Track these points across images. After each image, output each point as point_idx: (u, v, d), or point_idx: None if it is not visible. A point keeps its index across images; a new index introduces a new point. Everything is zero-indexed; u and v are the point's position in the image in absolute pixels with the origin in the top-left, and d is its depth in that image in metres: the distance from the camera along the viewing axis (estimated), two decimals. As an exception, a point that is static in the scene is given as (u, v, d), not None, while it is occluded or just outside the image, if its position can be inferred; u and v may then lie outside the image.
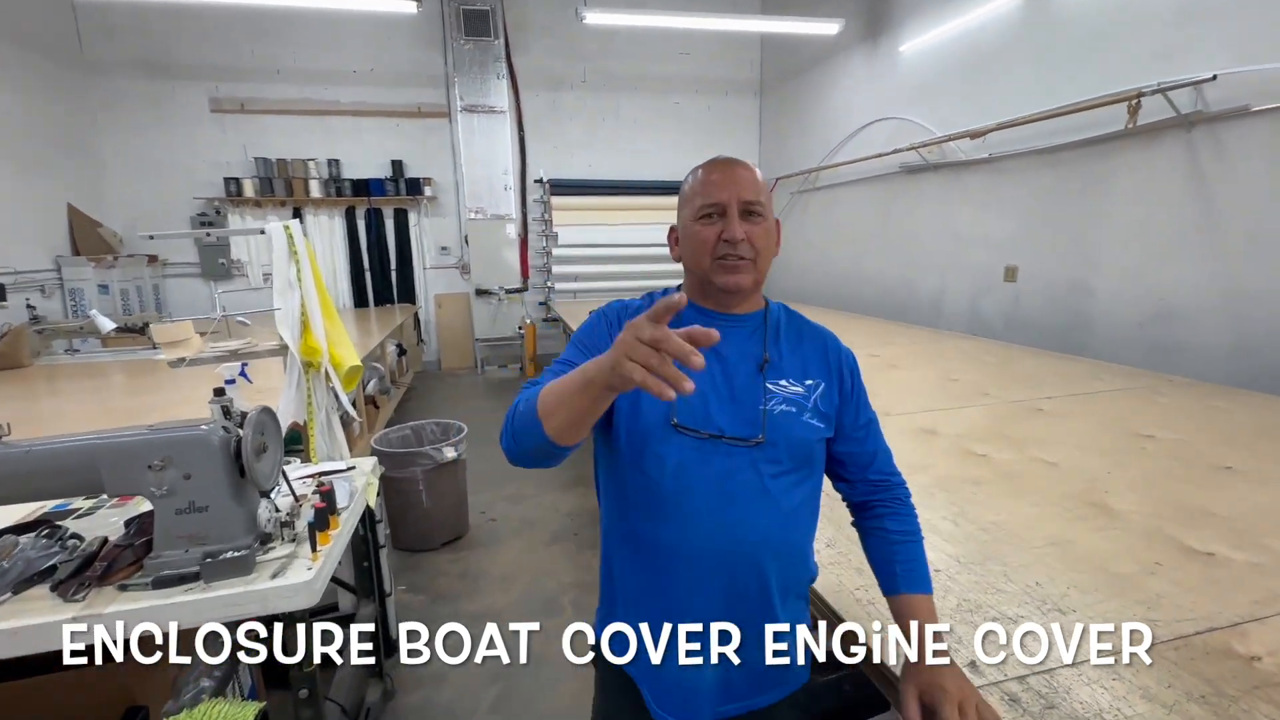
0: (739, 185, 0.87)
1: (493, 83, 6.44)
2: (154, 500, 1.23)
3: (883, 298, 5.27)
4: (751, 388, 0.88)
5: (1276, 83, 2.60)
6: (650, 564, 0.89)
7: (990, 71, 4.08)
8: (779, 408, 0.88)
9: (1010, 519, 1.37)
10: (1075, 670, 0.90)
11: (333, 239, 6.55)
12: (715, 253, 0.87)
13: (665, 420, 0.86)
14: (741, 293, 0.90)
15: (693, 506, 0.85)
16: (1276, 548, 1.22)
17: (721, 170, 0.90)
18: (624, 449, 0.89)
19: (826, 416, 0.91)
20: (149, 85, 5.95)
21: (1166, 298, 3.09)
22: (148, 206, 5.98)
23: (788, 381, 0.90)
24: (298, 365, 1.72)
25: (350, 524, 1.52)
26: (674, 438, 0.86)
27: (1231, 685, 0.86)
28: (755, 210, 0.87)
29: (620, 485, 0.91)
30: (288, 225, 1.67)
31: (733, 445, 0.86)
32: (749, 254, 0.87)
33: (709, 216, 0.88)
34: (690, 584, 0.87)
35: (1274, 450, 1.75)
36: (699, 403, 0.86)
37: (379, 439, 3.00)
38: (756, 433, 0.86)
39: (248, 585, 1.18)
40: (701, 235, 0.88)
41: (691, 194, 0.91)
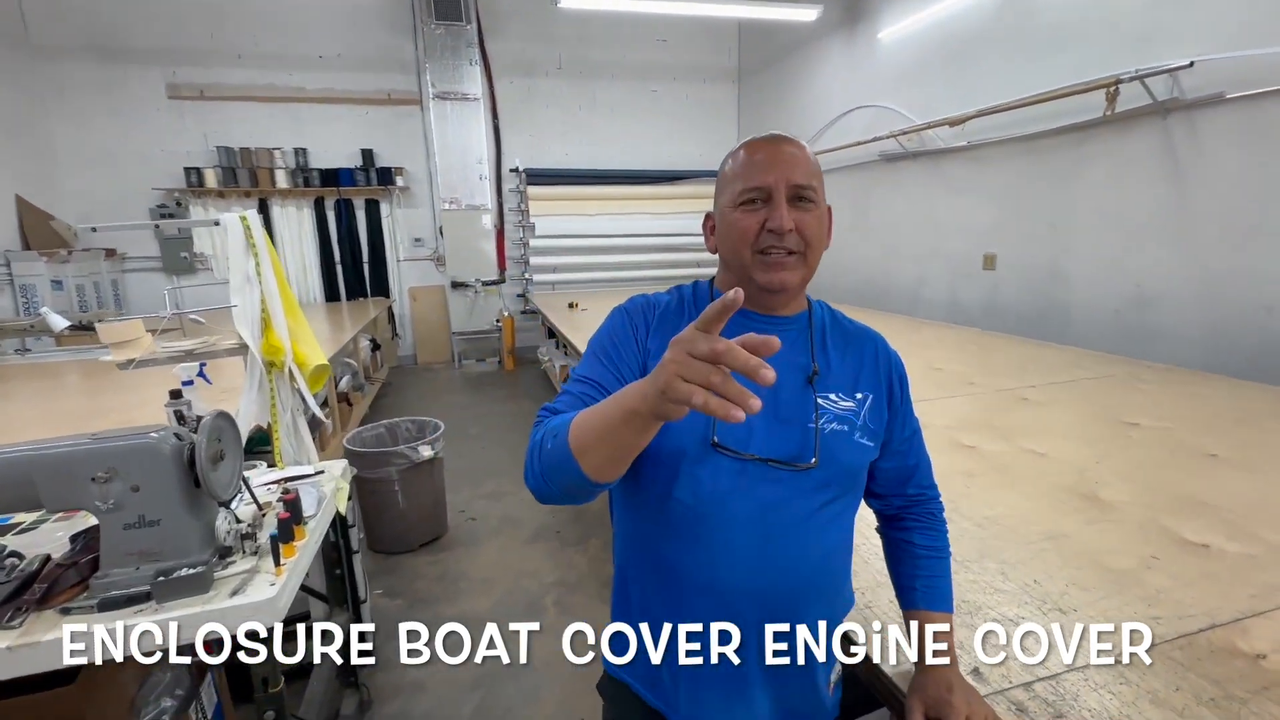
0: (788, 166, 0.76)
1: (465, 69, 6.27)
2: (99, 515, 1.13)
3: (862, 287, 5.27)
4: (800, 403, 0.77)
5: (1250, 70, 2.61)
6: (676, 595, 0.79)
7: (969, 58, 4.06)
8: (830, 426, 0.77)
9: (1005, 513, 1.34)
10: (1081, 675, 0.86)
11: (301, 231, 6.34)
12: (758, 245, 0.76)
13: (703, 438, 0.75)
14: (787, 292, 0.77)
15: (729, 539, 0.75)
16: (1269, 538, 1.21)
17: (767, 149, 0.78)
18: (652, 468, 0.78)
19: (875, 434, 0.81)
20: (101, 70, 5.67)
21: (1142, 284, 3.11)
22: (103, 198, 5.71)
23: (837, 395, 0.79)
24: (259, 365, 1.63)
25: (318, 533, 1.44)
26: (712, 459, 0.75)
27: (1239, 686, 0.83)
28: (806, 196, 0.76)
29: (644, 507, 0.80)
30: (244, 216, 1.57)
31: (779, 470, 0.75)
32: (797, 247, 0.75)
33: (752, 202, 0.76)
34: (717, 618, 0.77)
35: (1255, 437, 1.76)
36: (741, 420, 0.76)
37: (351, 438, 2.89)
38: (808, 456, 0.75)
39: (205, 604, 1.10)
40: (742, 224, 0.76)
41: (732, 176, 0.79)
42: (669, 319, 0.82)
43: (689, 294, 0.86)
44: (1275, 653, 0.89)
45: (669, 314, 0.83)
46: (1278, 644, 0.91)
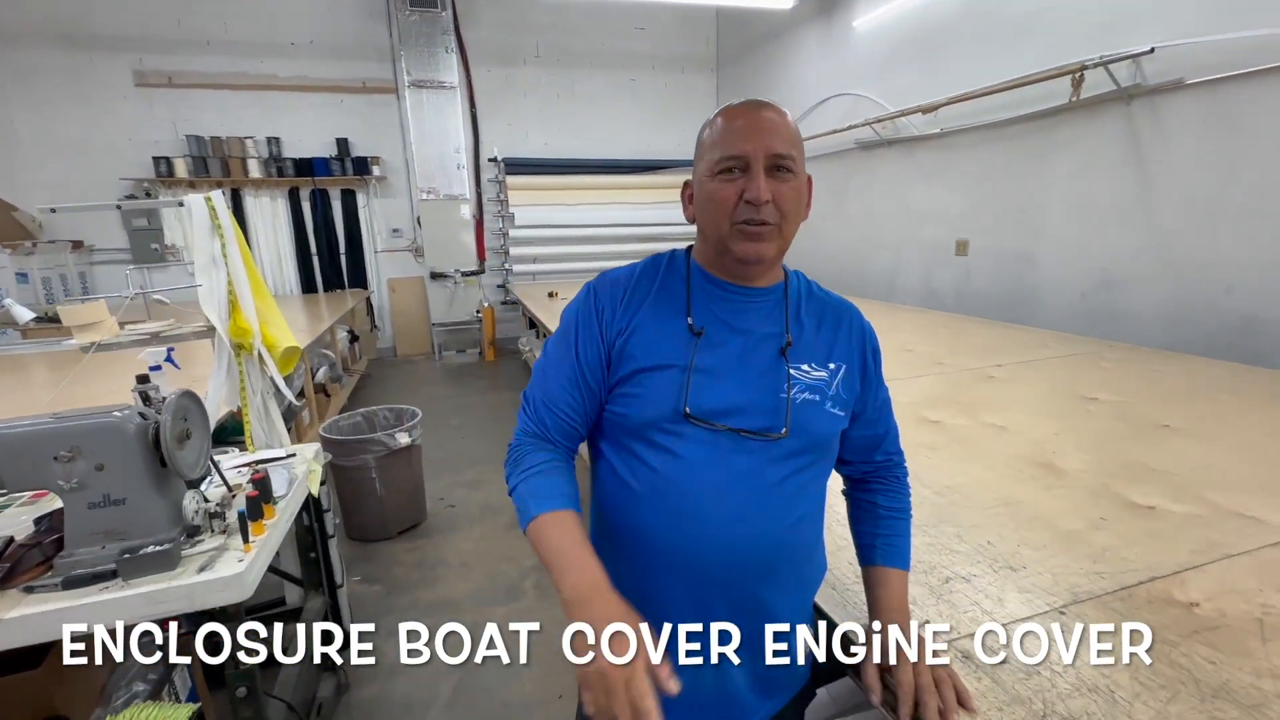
0: (767, 134, 0.74)
1: (441, 57, 6.20)
2: (62, 494, 1.13)
3: (840, 273, 5.33)
4: (772, 373, 0.78)
5: (1209, 56, 2.68)
6: (648, 562, 0.80)
7: (941, 46, 4.11)
8: (802, 396, 0.78)
9: (964, 482, 1.38)
10: (1027, 625, 0.90)
11: (276, 222, 6.24)
12: (735, 216, 0.75)
13: (675, 408, 0.76)
14: (763, 264, 0.78)
15: (701, 507, 0.76)
16: (1213, 499, 1.26)
17: (746, 115, 0.76)
18: (626, 437, 0.80)
19: (846, 404, 0.83)
20: (66, 58, 5.52)
21: (1107, 267, 3.19)
22: (69, 188, 5.57)
23: (810, 366, 0.80)
24: (227, 348, 1.61)
25: (289, 513, 1.44)
26: (685, 429, 0.76)
27: (1172, 631, 0.87)
28: (785, 166, 0.74)
29: (617, 475, 0.81)
30: (209, 197, 1.55)
31: (751, 440, 0.76)
32: (774, 219, 0.75)
33: (729, 171, 0.75)
34: (690, 587, 0.78)
35: (1208, 409, 1.82)
36: (715, 387, 0.76)
37: (328, 426, 2.88)
38: (780, 426, 0.76)
39: (172, 581, 1.10)
40: (719, 194, 0.75)
41: (710, 144, 0.77)
42: (640, 288, 0.83)
43: (664, 264, 0.86)
44: (1208, 601, 0.94)
45: (640, 282, 0.84)
46: (1211, 594, 0.96)
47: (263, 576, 1.26)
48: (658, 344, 0.79)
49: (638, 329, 0.80)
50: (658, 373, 0.78)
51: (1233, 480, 1.34)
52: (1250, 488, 1.30)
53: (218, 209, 1.54)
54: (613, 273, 0.86)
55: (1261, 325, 2.59)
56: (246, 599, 1.14)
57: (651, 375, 0.78)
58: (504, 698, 1.89)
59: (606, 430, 0.83)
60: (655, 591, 0.79)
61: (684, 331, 0.79)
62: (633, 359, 0.79)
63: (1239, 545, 1.09)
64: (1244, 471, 1.38)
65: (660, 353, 0.78)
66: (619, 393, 0.80)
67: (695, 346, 0.78)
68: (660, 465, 0.77)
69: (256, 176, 6.01)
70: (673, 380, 0.77)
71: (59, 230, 5.55)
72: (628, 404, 0.79)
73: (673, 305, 0.81)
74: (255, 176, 6.00)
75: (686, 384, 0.76)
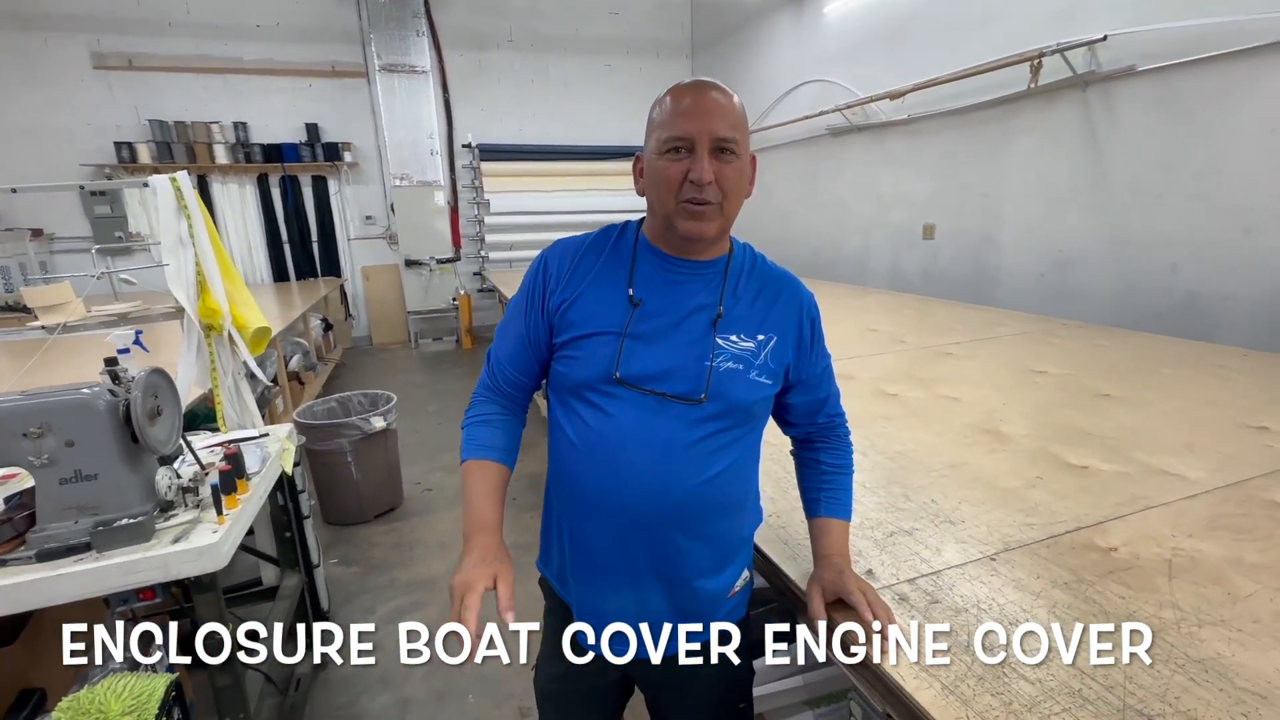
0: (712, 117, 0.77)
1: (413, 40, 6.12)
2: (33, 471, 1.14)
3: (811, 257, 5.42)
4: (701, 342, 0.83)
5: (1159, 44, 2.79)
6: (582, 507, 0.87)
7: (907, 33, 4.19)
8: (724, 365, 0.83)
9: (914, 448, 1.46)
10: (960, 570, 0.97)
11: (244, 209, 6.13)
12: (680, 194, 0.79)
13: (608, 372, 0.82)
14: (704, 240, 0.83)
15: (626, 460, 0.83)
16: (1141, 459, 1.35)
17: (692, 96, 0.79)
18: (566, 396, 0.87)
19: (775, 373, 0.87)
20: (16, 38, 5.34)
21: (1063, 248, 3.31)
22: (24, 175, 5.40)
23: (738, 336, 0.85)
24: (197, 328, 1.62)
25: (263, 489, 1.46)
26: (617, 390, 0.82)
27: (1090, 572, 0.95)
28: (728, 148, 0.78)
29: (560, 426, 0.89)
30: (174, 177, 1.54)
31: (675, 403, 0.82)
32: (716, 198, 0.79)
33: (675, 151, 0.78)
34: (614, 529, 0.85)
35: (1147, 380, 1.93)
36: (645, 354, 0.83)
37: (302, 411, 2.88)
38: (699, 392, 0.82)
39: (146, 551, 1.13)
40: (666, 172, 0.79)
41: (658, 123, 0.81)
42: (588, 258, 0.89)
43: (615, 235, 0.91)
44: (1125, 546, 1.02)
45: (589, 253, 0.89)
46: (1129, 539, 1.04)
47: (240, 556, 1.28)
48: (599, 311, 0.85)
49: (580, 296, 0.86)
50: (595, 338, 0.84)
51: (1160, 442, 1.43)
52: (1175, 448, 1.40)
53: (184, 189, 1.54)
54: (565, 241, 0.92)
55: (1204, 301, 2.73)
56: (221, 568, 1.17)
57: (590, 340, 0.84)
58: (479, 670, 1.94)
59: (554, 385, 0.91)
60: (587, 531, 0.88)
61: (624, 301, 0.85)
62: (573, 325, 0.85)
63: (1159, 498, 1.18)
64: (1170, 434, 1.48)
65: (599, 320, 0.84)
66: (561, 354, 0.87)
67: (632, 316, 0.84)
68: (592, 420, 0.84)
69: (224, 162, 5.89)
70: (608, 345, 0.83)
71: (17, 217, 5.39)
72: (568, 365, 0.86)
73: (617, 275, 0.87)
74: (222, 162, 5.88)
75: (619, 350, 0.82)
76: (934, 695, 0.72)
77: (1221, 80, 2.61)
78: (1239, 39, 2.51)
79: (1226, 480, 1.24)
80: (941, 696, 0.72)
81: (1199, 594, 0.90)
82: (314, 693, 1.87)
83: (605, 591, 0.88)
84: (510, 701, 1.85)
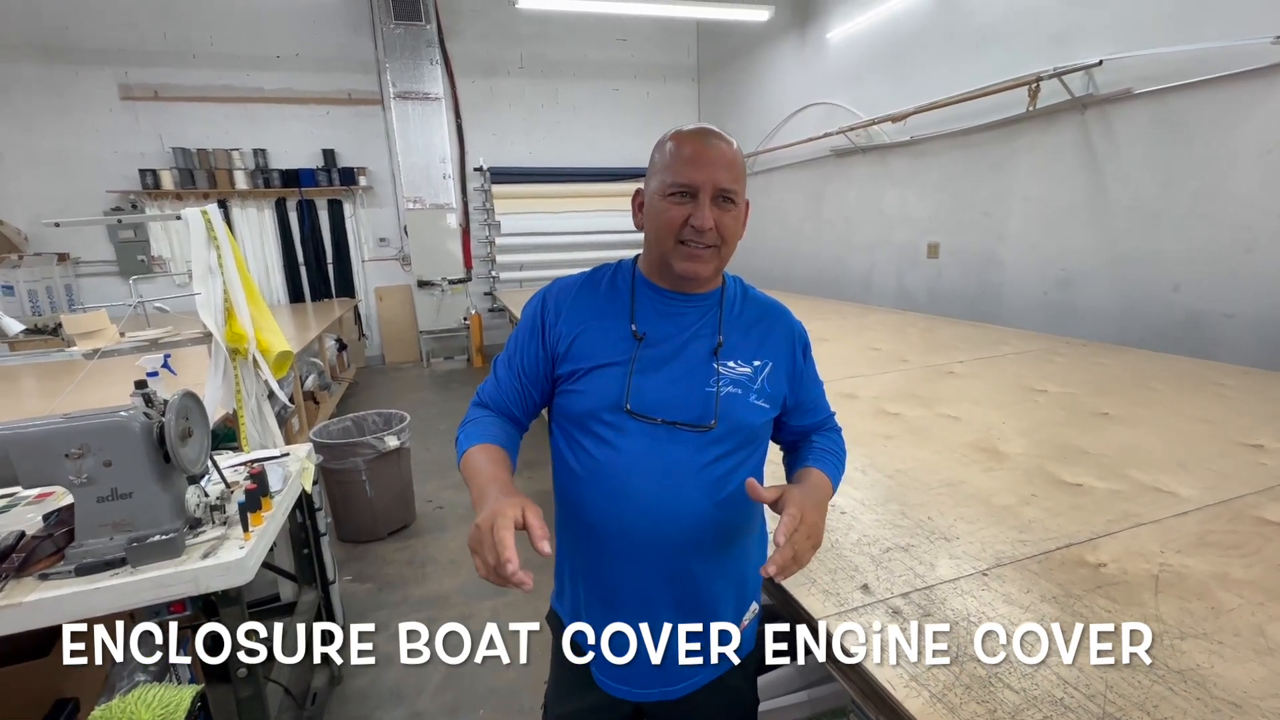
0: (715, 168, 0.81)
1: (426, 69, 6.30)
2: (73, 489, 1.21)
3: (816, 276, 5.48)
4: (703, 370, 0.86)
5: (1155, 67, 2.85)
6: (592, 540, 0.89)
7: (909, 58, 4.28)
8: (726, 389, 0.86)
9: (913, 466, 1.50)
10: (952, 584, 1.01)
11: (263, 232, 6.30)
12: (679, 235, 0.83)
13: (618, 404, 0.84)
14: (699, 280, 0.87)
15: (635, 488, 0.84)
16: (1135, 476, 1.39)
17: (695, 145, 0.82)
18: (570, 427, 0.89)
19: (773, 397, 0.90)
20: (49, 71, 5.55)
21: (1065, 267, 3.35)
22: (55, 201, 5.60)
23: (736, 362, 0.88)
24: (223, 352, 1.70)
25: (285, 506, 1.53)
26: (626, 422, 0.84)
27: (1079, 587, 0.99)
28: (729, 196, 0.82)
29: (564, 458, 0.90)
30: (205, 210, 1.64)
31: (686, 432, 0.84)
32: (715, 242, 0.83)
33: (679, 195, 0.82)
34: (628, 557, 0.86)
35: (1145, 397, 1.96)
36: (652, 385, 0.85)
37: (318, 431, 2.95)
38: (709, 418, 0.84)
39: (178, 566, 1.19)
40: (668, 214, 0.82)
41: (662, 166, 0.84)
42: (587, 296, 0.92)
43: (611, 273, 0.94)
44: (1114, 562, 1.06)
45: (587, 291, 0.92)
46: (1117, 556, 1.08)
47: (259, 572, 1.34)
48: (601, 346, 0.88)
49: (582, 334, 0.89)
50: (601, 371, 0.87)
51: (1154, 460, 1.47)
52: (1168, 466, 1.43)
53: (214, 221, 1.63)
54: (563, 280, 0.94)
55: (1206, 320, 2.75)
56: (247, 582, 1.22)
57: (595, 373, 0.87)
58: (490, 684, 1.98)
59: (556, 416, 0.93)
60: (600, 563, 0.89)
61: (628, 335, 0.88)
62: (576, 359, 0.88)
63: (1150, 515, 1.21)
64: (1165, 452, 1.51)
65: (604, 353, 0.87)
66: (564, 387, 0.89)
67: (637, 349, 0.87)
68: (598, 452, 0.86)
69: (243, 188, 6.06)
70: (615, 377, 0.86)
71: (46, 242, 5.57)
72: (571, 398, 0.88)
73: (618, 311, 0.90)
74: (242, 188, 6.06)
75: (628, 383, 0.85)
76: (923, 703, 0.76)
77: (1220, 102, 2.66)
78: (1237, 62, 2.57)
79: (1218, 498, 1.27)
80: (930, 704, 0.76)
81: (1183, 608, 0.93)
82: (330, 707, 1.92)
83: (619, 623, 0.88)
84: (521, 717, 1.88)
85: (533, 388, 0.93)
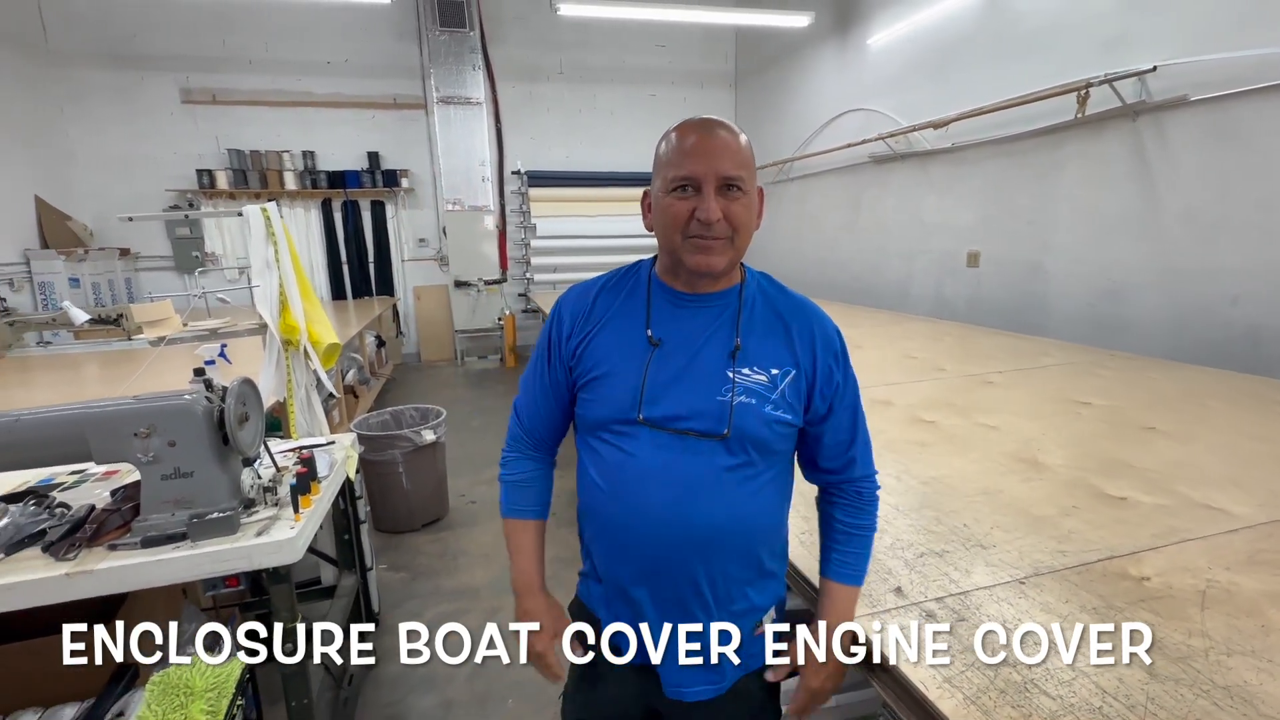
0: (717, 157, 0.78)
1: (469, 74, 6.45)
2: (140, 466, 1.29)
3: (852, 283, 5.41)
4: (718, 376, 0.83)
5: (1212, 74, 2.75)
6: (611, 542, 0.90)
7: (952, 63, 4.21)
8: (740, 399, 0.82)
9: (949, 474, 1.48)
10: (988, 591, 1.01)
11: (309, 231, 6.52)
12: (687, 230, 0.80)
13: (628, 412, 0.83)
14: (713, 274, 0.83)
15: (648, 497, 0.83)
16: (1183, 492, 1.35)
17: (697, 136, 0.80)
18: (587, 435, 0.90)
19: (794, 407, 0.85)
20: (116, 77, 5.87)
21: (1114, 278, 3.25)
22: (118, 199, 5.90)
23: (751, 370, 0.84)
24: (277, 343, 1.78)
25: (330, 492, 1.59)
26: (640, 432, 0.83)
27: (1121, 599, 0.97)
28: (735, 185, 0.79)
29: (584, 467, 0.91)
30: (264, 208, 1.72)
31: (699, 440, 0.82)
32: (725, 233, 0.79)
33: (682, 189, 0.79)
34: (641, 562, 0.87)
35: (1198, 413, 1.89)
36: (667, 393, 0.83)
37: (358, 423, 3.05)
38: (721, 427, 0.82)
39: (233, 543, 1.25)
40: (673, 210, 0.80)
41: (664, 161, 0.82)
42: (603, 300, 0.91)
43: (629, 275, 0.93)
44: (1158, 576, 1.04)
45: (604, 294, 0.91)
46: (1162, 570, 1.05)
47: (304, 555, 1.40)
48: (616, 353, 0.87)
49: (596, 337, 0.88)
50: (613, 378, 0.86)
51: (1204, 476, 1.42)
52: (1220, 482, 1.38)
53: (273, 219, 1.71)
54: (578, 286, 0.94)
55: (1266, 335, 2.64)
56: (297, 560, 1.28)
57: (607, 381, 0.86)
58: (517, 677, 2.01)
59: (577, 423, 0.95)
60: (616, 562, 0.90)
61: (643, 341, 0.86)
62: (592, 367, 0.88)
63: (1198, 531, 1.18)
64: (1217, 469, 1.46)
65: (617, 360, 0.86)
66: (580, 395, 0.90)
67: (652, 356, 0.85)
68: (613, 459, 0.86)
69: (292, 188, 6.30)
70: (627, 385, 0.85)
71: (109, 238, 5.87)
72: (587, 406, 0.89)
73: (634, 314, 0.88)
74: (291, 188, 6.29)
75: (641, 391, 0.83)
76: (956, 705, 0.76)
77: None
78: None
79: (1271, 516, 1.23)
80: (963, 707, 0.76)
81: (1231, 625, 0.91)
82: (365, 689, 1.98)
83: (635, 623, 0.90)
84: (549, 709, 1.92)
85: (559, 402, 0.95)
